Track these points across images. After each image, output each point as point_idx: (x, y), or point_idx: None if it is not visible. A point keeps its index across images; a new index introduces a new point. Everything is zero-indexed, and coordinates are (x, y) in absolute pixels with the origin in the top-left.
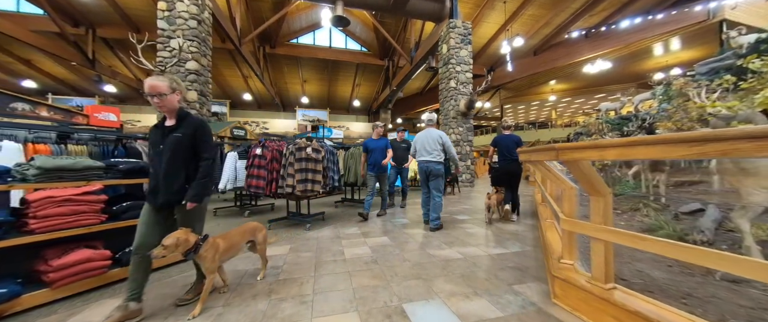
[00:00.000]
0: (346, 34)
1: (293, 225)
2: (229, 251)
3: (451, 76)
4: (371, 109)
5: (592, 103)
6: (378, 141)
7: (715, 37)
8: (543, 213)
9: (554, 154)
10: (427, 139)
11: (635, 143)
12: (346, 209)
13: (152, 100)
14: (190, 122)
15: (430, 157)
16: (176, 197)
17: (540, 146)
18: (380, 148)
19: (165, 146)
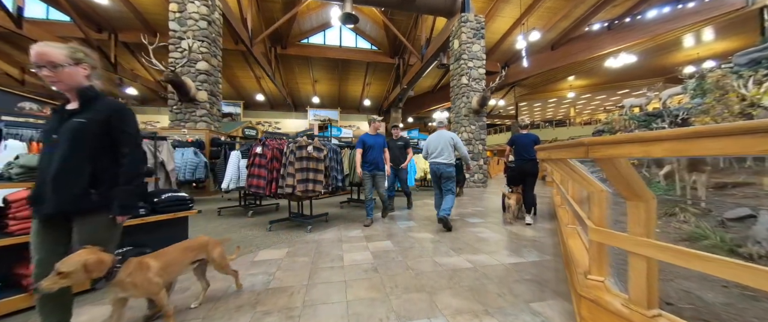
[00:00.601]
0: (356, 33)
1: (294, 226)
2: (165, 271)
3: (462, 72)
4: (382, 108)
5: (614, 100)
6: (376, 137)
7: (755, 25)
8: (563, 217)
9: (583, 151)
10: (439, 140)
11: (699, 135)
12: (352, 209)
13: (41, 72)
14: (103, 106)
15: (441, 159)
16: (73, 205)
17: (563, 142)
18: (379, 144)
19: (61, 136)
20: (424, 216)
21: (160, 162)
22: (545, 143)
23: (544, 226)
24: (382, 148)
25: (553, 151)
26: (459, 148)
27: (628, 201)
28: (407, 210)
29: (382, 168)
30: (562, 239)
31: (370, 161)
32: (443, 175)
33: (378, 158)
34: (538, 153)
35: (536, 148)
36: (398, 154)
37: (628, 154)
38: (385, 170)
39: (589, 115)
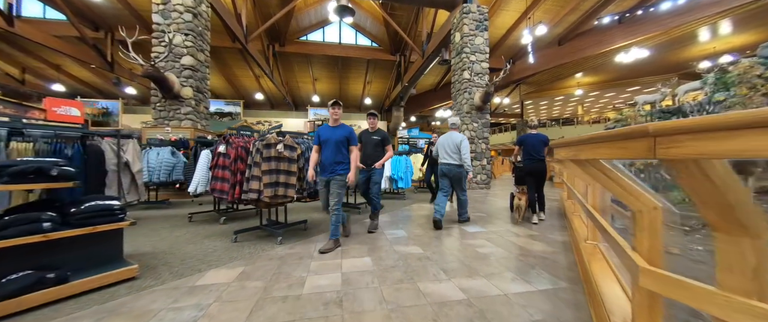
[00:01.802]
0: (355, 30)
1: (265, 237)
2: None
3: (464, 66)
4: (383, 106)
5: (624, 97)
6: (335, 130)
7: None
8: (578, 229)
9: (646, 147)
10: (449, 142)
11: None
12: None
13: None
14: None
15: (451, 161)
16: None
17: (602, 133)
18: (334, 140)
19: None
20: (418, 223)
21: (125, 163)
22: None
23: (555, 237)
24: (339, 145)
25: (584, 148)
26: (462, 152)
27: (716, 232)
28: (370, 233)
29: (341, 171)
30: (580, 259)
31: (324, 162)
32: (453, 176)
33: (331, 159)
34: (559, 151)
35: (553, 144)
36: (371, 151)
37: (737, 150)
38: (345, 174)
39: (598, 114)
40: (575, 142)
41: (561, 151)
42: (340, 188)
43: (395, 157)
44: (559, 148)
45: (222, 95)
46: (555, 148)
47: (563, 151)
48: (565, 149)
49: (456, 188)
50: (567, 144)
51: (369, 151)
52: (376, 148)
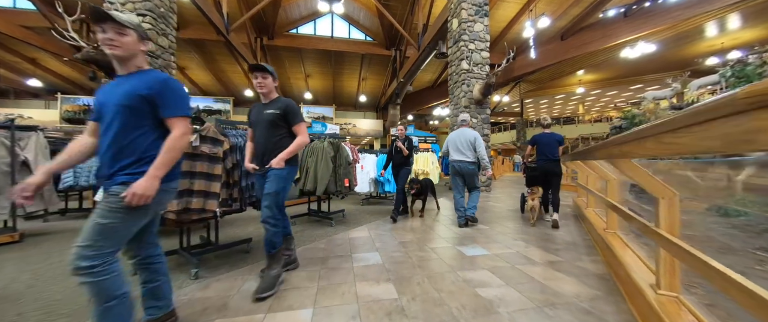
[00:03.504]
0: (348, 22)
1: (182, 265)
2: None
3: (462, 56)
4: (379, 104)
5: (626, 96)
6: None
7: None
8: (624, 260)
9: None
10: (462, 139)
11: None
12: (306, 227)
13: None
14: None
15: (463, 158)
16: None
17: None
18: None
19: None
20: (402, 241)
21: (23, 161)
22: None
23: (585, 265)
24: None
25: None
26: (479, 149)
27: None
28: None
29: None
30: (604, 247)
31: (256, 151)
32: (466, 173)
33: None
34: (628, 145)
35: (639, 128)
36: (265, 138)
37: None
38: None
39: (599, 113)
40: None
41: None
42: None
43: (382, 157)
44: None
45: (210, 92)
46: (604, 146)
47: None
48: None
49: (469, 185)
50: None
51: (261, 137)
52: (273, 132)
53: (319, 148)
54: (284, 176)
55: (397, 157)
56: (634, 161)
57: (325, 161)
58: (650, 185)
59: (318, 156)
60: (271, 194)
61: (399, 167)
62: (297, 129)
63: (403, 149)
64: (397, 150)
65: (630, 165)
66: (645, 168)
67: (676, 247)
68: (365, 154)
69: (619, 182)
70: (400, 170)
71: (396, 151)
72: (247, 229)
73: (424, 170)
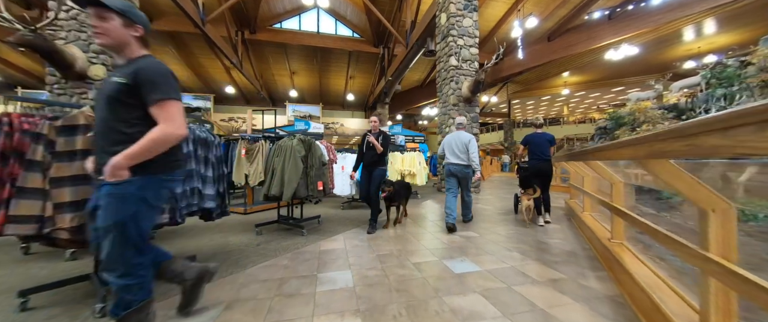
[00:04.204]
0: (335, 18)
1: (86, 295)
2: None
3: (451, 51)
4: (368, 103)
5: (608, 98)
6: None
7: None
8: (597, 230)
9: None
10: (457, 141)
11: None
12: (273, 237)
13: None
14: None
15: (458, 161)
16: None
17: None
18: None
19: None
20: (379, 255)
21: None
22: None
23: (590, 284)
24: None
25: None
26: (470, 152)
27: None
28: None
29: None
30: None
31: None
32: (461, 175)
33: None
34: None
35: (699, 120)
36: None
37: None
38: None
39: (582, 114)
40: None
41: None
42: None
43: None
44: None
45: (189, 88)
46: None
47: None
48: None
49: (463, 189)
50: None
51: (97, 125)
52: (112, 115)
53: (288, 146)
54: (127, 198)
55: (368, 154)
56: (673, 162)
57: (293, 161)
58: (695, 193)
59: (286, 155)
60: (102, 231)
61: (371, 168)
62: (157, 110)
63: (375, 145)
64: (369, 146)
65: (667, 167)
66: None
67: (734, 276)
68: (346, 154)
69: (625, 185)
70: (373, 171)
71: (367, 147)
72: (194, 242)
73: (410, 170)
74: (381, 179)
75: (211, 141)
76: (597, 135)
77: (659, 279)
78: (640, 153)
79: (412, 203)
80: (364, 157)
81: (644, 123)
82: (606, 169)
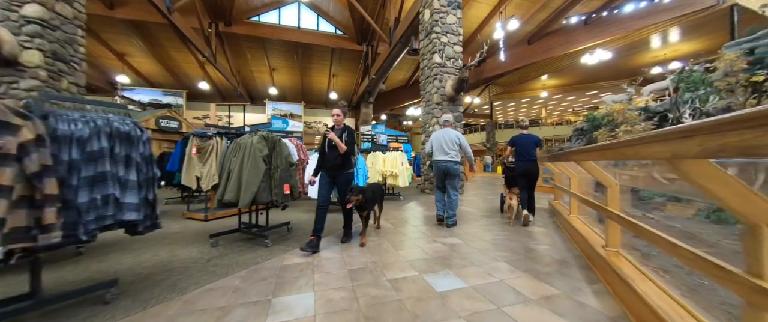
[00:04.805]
0: (316, 13)
1: None
2: None
3: (434, 49)
4: (351, 102)
5: (582, 101)
6: None
7: (720, 26)
8: (589, 235)
9: None
10: (446, 138)
11: None
12: (230, 249)
13: None
14: None
15: (447, 157)
16: None
17: None
18: None
19: None
20: (351, 268)
21: None
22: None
23: (588, 301)
24: None
25: None
26: (464, 147)
27: None
28: None
29: None
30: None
31: None
32: (449, 172)
33: None
34: None
35: (647, 135)
36: None
37: None
38: None
39: (560, 116)
40: None
41: None
42: None
43: None
44: None
45: (159, 83)
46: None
47: None
48: None
49: (449, 187)
50: None
51: None
52: None
53: (247, 144)
54: None
55: (330, 155)
56: (715, 163)
57: (253, 161)
58: (743, 203)
59: (244, 155)
60: None
61: (334, 173)
62: None
63: (338, 144)
64: (331, 145)
65: (705, 169)
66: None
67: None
68: None
69: (621, 187)
70: (337, 176)
71: (329, 146)
72: (131, 258)
73: (392, 171)
74: (347, 185)
75: (136, 136)
76: (574, 136)
77: (666, 295)
78: (676, 151)
79: (394, 206)
80: (325, 160)
81: (622, 124)
82: (601, 170)
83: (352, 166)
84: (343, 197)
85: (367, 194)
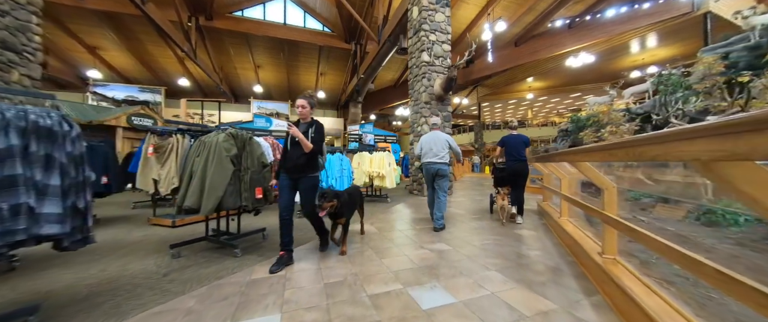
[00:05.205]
0: (303, 9)
1: None
2: None
3: (423, 47)
4: (340, 102)
5: (566, 103)
6: None
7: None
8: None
9: None
10: (435, 141)
11: None
12: (194, 260)
13: None
14: None
15: (437, 159)
16: None
17: None
18: None
19: None
20: (322, 286)
21: None
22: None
23: (590, 316)
24: None
25: None
26: (453, 147)
27: None
28: None
29: None
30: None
31: None
32: (438, 173)
33: None
34: None
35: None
36: None
37: None
38: None
39: (544, 118)
40: None
41: None
42: None
43: (326, 157)
44: None
45: (135, 79)
46: None
47: None
48: None
49: (438, 189)
50: None
51: None
52: None
53: (212, 143)
54: None
55: (293, 154)
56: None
57: (218, 161)
58: None
59: (209, 155)
60: None
61: (297, 176)
62: None
63: (302, 141)
64: (294, 142)
65: (753, 172)
66: None
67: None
68: None
69: (618, 190)
70: (299, 180)
71: (292, 143)
72: (72, 273)
73: (379, 172)
74: (314, 191)
75: (62, 132)
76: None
77: (676, 312)
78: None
79: (381, 209)
80: (287, 160)
81: (608, 125)
82: (597, 171)
83: (318, 168)
84: (307, 206)
85: (342, 198)
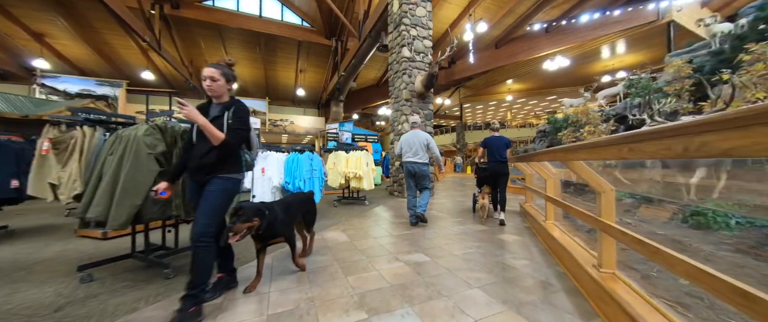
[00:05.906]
0: (280, 2)
1: None
2: None
3: (403, 42)
4: (321, 100)
5: (543, 106)
6: None
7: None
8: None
9: None
10: (415, 140)
11: None
12: (111, 285)
13: None
14: None
15: (417, 158)
16: None
17: None
18: None
19: None
20: (281, 309)
21: None
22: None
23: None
24: None
25: None
26: (432, 149)
27: None
28: None
29: None
30: None
31: None
32: (418, 173)
33: None
34: None
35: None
36: None
37: None
38: None
39: (523, 119)
40: None
41: None
42: None
43: (293, 155)
44: None
45: (92, 71)
46: None
47: None
48: None
49: (420, 186)
50: None
51: None
52: None
53: (129, 137)
54: None
55: (199, 149)
56: None
57: (135, 161)
58: None
59: (125, 153)
60: None
61: (200, 175)
62: None
63: (207, 129)
64: (200, 135)
65: None
66: None
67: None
68: (270, 152)
69: (614, 193)
70: (207, 183)
71: (198, 136)
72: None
73: (356, 173)
74: (226, 198)
75: None
76: (538, 138)
77: None
78: None
79: (357, 212)
80: (191, 157)
81: (587, 125)
82: (592, 172)
83: (237, 168)
84: (218, 226)
85: (273, 213)
